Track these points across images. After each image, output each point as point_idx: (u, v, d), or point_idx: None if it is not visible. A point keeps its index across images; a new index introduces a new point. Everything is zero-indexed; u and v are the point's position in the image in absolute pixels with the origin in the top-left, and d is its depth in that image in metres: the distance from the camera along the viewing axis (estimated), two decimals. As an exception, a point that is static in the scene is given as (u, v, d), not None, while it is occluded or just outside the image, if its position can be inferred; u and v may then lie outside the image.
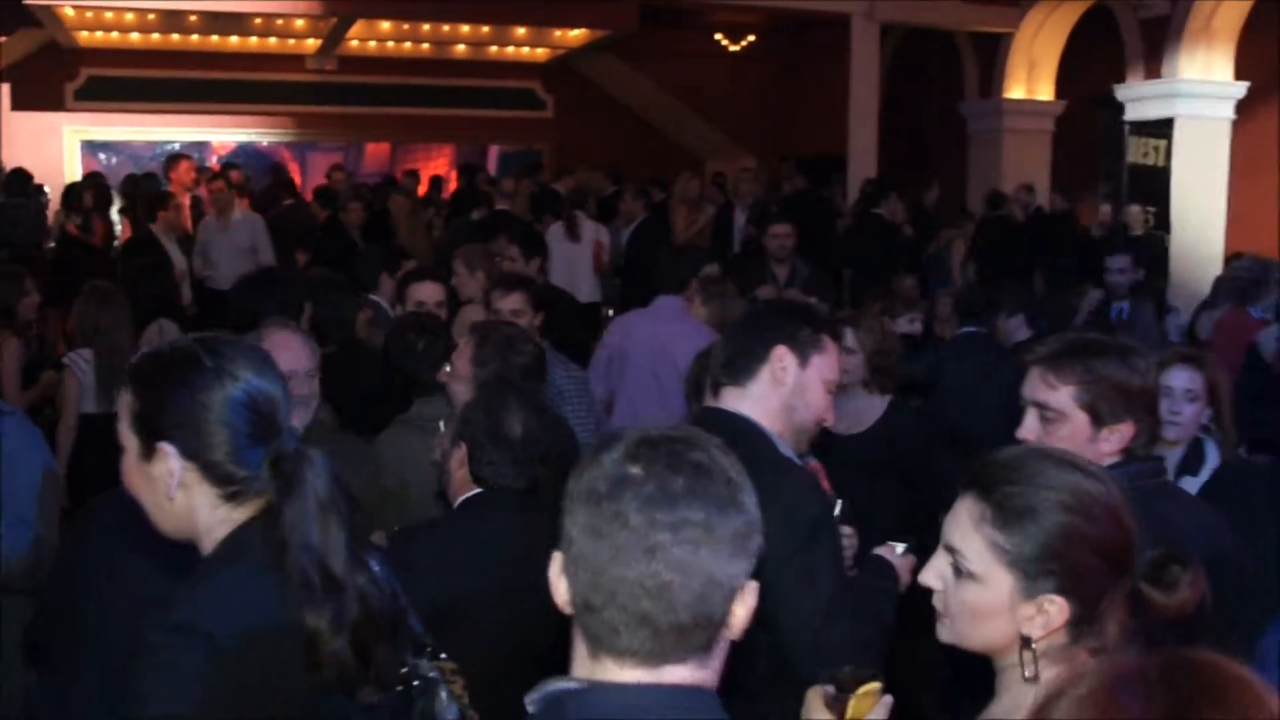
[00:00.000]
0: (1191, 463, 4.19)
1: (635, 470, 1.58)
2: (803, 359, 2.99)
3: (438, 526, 3.56)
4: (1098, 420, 2.81)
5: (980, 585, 1.96)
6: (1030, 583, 1.93)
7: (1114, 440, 2.81)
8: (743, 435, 2.85)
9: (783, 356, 2.97)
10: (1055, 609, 1.92)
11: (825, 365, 3.03)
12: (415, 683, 2.24)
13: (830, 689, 2.16)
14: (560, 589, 1.63)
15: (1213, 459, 4.28)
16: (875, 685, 2.14)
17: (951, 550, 2.00)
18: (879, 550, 3.15)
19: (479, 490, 3.40)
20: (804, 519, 2.80)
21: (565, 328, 6.20)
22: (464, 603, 3.16)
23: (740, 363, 3.00)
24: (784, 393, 2.98)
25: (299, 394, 3.42)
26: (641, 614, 1.55)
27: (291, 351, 3.66)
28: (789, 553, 2.73)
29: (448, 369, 4.35)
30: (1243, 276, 8.39)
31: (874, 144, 15.00)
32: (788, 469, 2.90)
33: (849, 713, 2.11)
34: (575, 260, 11.71)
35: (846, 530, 3.26)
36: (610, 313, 9.64)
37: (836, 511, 3.38)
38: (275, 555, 1.99)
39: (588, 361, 6.30)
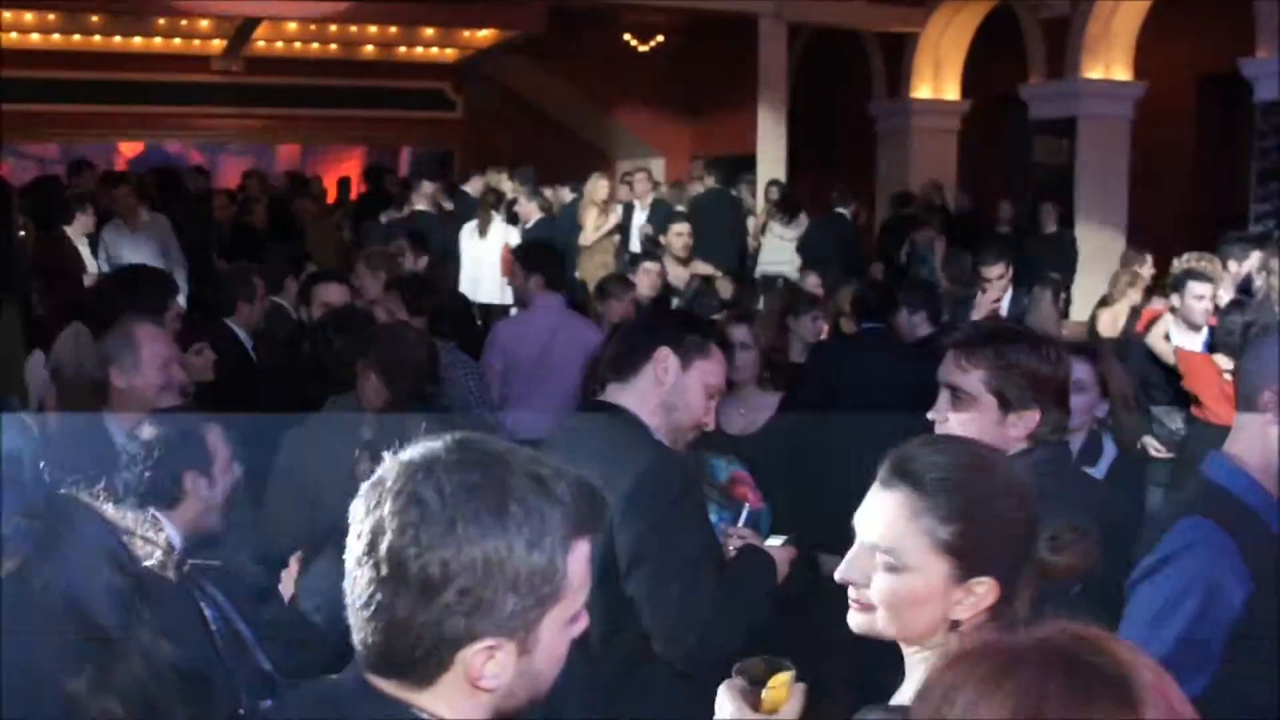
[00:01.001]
0: (1090, 454, 4.26)
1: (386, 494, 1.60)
2: (685, 361, 3.10)
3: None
4: (1005, 405, 2.85)
5: (913, 575, 1.97)
6: (963, 568, 1.96)
7: (1020, 426, 2.85)
8: (619, 423, 3.00)
9: (666, 357, 3.07)
10: (984, 590, 1.95)
11: (708, 370, 3.13)
12: None
13: (742, 682, 2.12)
14: None
15: (1110, 451, 4.35)
16: (787, 675, 2.11)
17: (879, 547, 2.00)
18: (753, 539, 3.24)
19: None
20: (668, 495, 2.90)
21: (461, 328, 6.19)
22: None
23: (626, 360, 3.10)
24: (664, 391, 3.08)
25: (160, 383, 3.88)
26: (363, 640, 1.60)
27: (155, 344, 3.95)
28: (652, 526, 2.87)
29: None
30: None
31: (783, 143, 15.08)
32: (657, 451, 3.00)
33: (763, 705, 2.08)
34: (481, 259, 11.71)
35: (744, 532, 3.31)
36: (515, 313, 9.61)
37: (743, 518, 3.40)
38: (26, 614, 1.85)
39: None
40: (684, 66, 18.74)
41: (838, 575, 2.08)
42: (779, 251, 13.03)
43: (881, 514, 2.01)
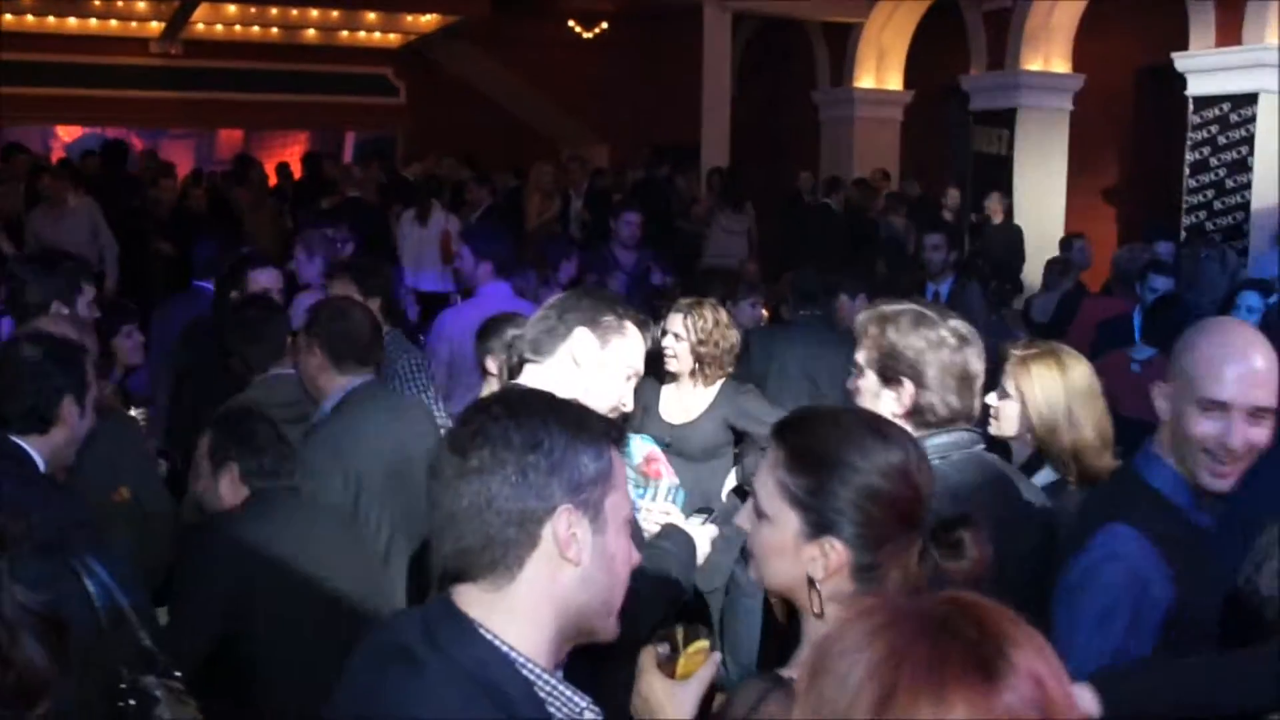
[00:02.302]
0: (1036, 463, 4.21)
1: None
2: (603, 342, 3.05)
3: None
4: (883, 379, 2.93)
5: (772, 525, 2.06)
6: (813, 525, 2.02)
7: (899, 402, 2.90)
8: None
9: (584, 338, 3.03)
10: (835, 552, 2.00)
11: (626, 351, 3.09)
12: (131, 701, 2.18)
13: (662, 648, 2.19)
14: None
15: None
16: (704, 644, 2.18)
17: (753, 492, 2.12)
18: (675, 518, 3.26)
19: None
20: None
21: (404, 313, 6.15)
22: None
23: (543, 341, 3.06)
24: (582, 373, 3.03)
25: None
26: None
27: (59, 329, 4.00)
28: None
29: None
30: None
31: (726, 132, 15.12)
32: None
33: (679, 670, 2.15)
34: (423, 247, 11.64)
35: (667, 507, 3.37)
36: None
37: (662, 492, 3.41)
38: None
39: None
40: (628, 54, 18.71)
41: (735, 520, 2.21)
42: (726, 244, 13.07)
43: (760, 464, 2.14)
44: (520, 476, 1.77)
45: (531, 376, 3.05)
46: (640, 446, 3.81)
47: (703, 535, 3.18)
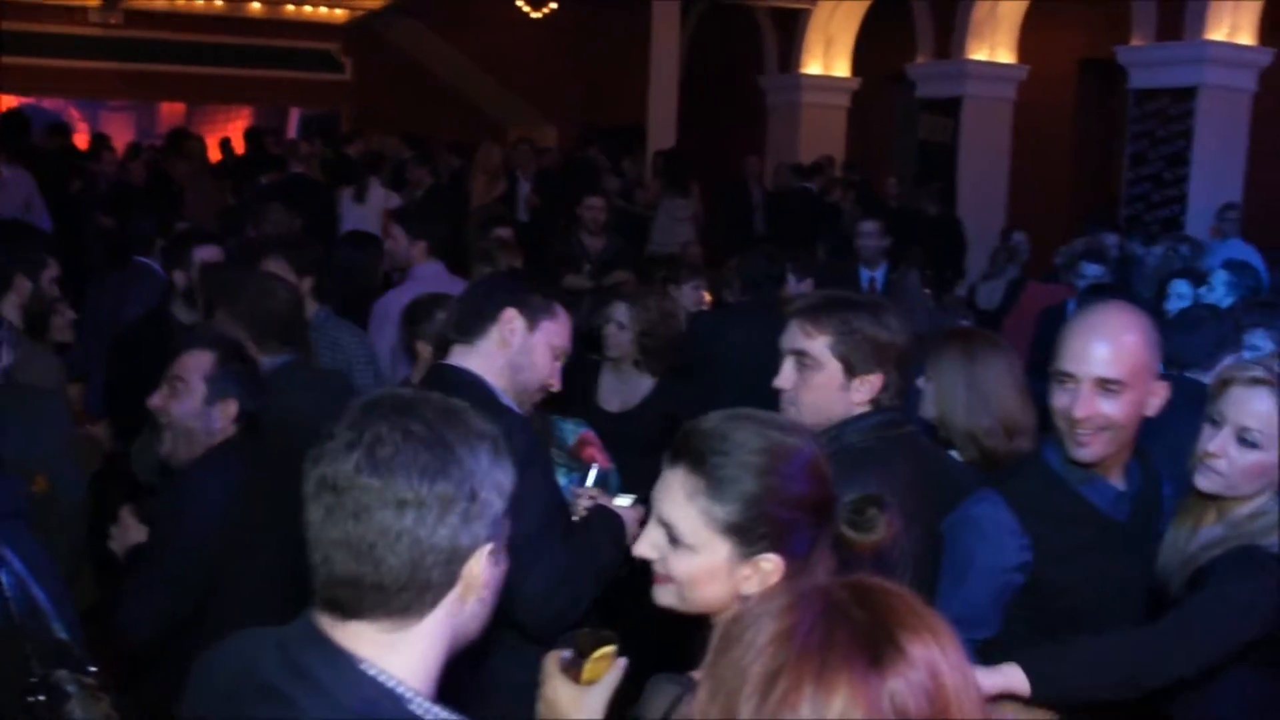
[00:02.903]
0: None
1: (348, 436, 1.65)
2: (531, 323, 3.07)
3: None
4: (850, 370, 2.93)
5: (697, 554, 2.01)
6: (745, 546, 1.99)
7: (864, 390, 2.93)
8: (464, 386, 2.93)
9: (512, 319, 3.04)
10: (771, 566, 1.99)
11: (554, 332, 3.11)
12: (41, 696, 2.15)
13: (567, 653, 2.16)
14: None
15: None
16: (610, 649, 2.15)
17: (665, 523, 2.04)
18: (602, 500, 3.26)
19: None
20: (514, 454, 2.81)
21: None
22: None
23: (471, 321, 3.07)
24: (510, 353, 3.05)
25: None
26: (348, 573, 1.62)
27: None
28: None
29: None
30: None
31: (673, 115, 15.11)
32: (498, 413, 2.91)
33: (584, 676, 2.11)
34: (362, 225, 11.55)
35: (593, 492, 3.36)
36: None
37: (591, 478, 3.41)
38: None
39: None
40: (577, 34, 18.64)
41: (634, 551, 2.12)
42: (672, 229, 13.06)
43: (667, 491, 2.05)
44: (452, 512, 1.63)
45: (459, 358, 3.04)
46: (574, 429, 3.82)
47: (632, 516, 3.20)
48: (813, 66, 16.41)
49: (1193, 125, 11.80)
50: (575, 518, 3.21)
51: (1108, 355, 2.63)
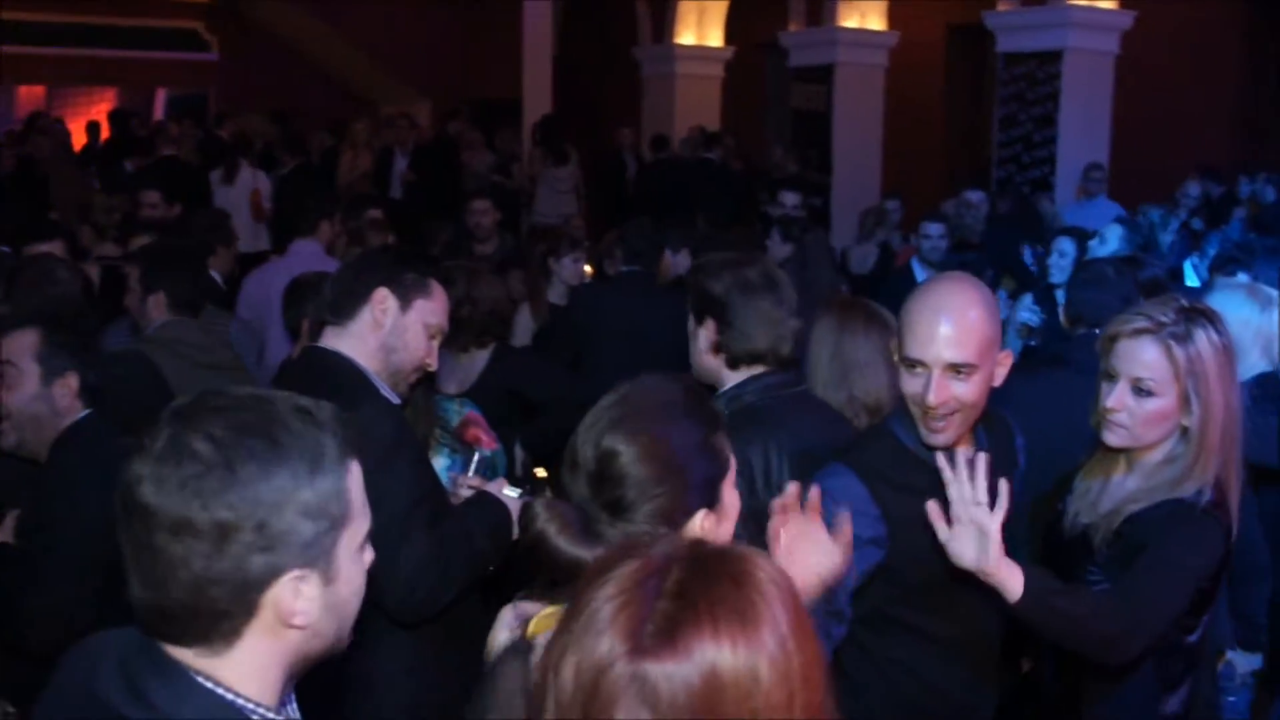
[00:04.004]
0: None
1: (139, 459, 1.54)
2: (404, 302, 3.00)
3: None
4: (697, 318, 3.23)
5: None
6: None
7: (707, 339, 3.17)
8: (333, 370, 2.90)
9: (384, 299, 2.97)
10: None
11: (429, 310, 3.05)
12: None
13: (519, 608, 2.15)
14: None
15: None
16: (556, 608, 2.14)
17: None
18: (489, 486, 3.21)
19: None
20: (378, 443, 2.76)
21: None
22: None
23: (343, 302, 3.00)
24: (383, 334, 2.98)
25: None
26: (142, 599, 1.54)
27: None
28: (365, 476, 2.72)
29: None
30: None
31: (548, 89, 15.05)
32: (365, 397, 2.88)
33: (529, 630, 2.09)
34: (233, 207, 11.35)
35: (474, 481, 3.32)
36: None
37: (473, 465, 3.37)
38: None
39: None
40: (449, 8, 18.44)
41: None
42: (554, 201, 13.02)
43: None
44: (233, 542, 1.51)
45: (331, 340, 2.98)
46: (458, 410, 3.77)
47: (516, 505, 3.14)
48: (686, 37, 16.41)
49: (1059, 88, 12.03)
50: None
51: (956, 339, 2.59)
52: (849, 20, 14.31)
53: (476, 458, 3.38)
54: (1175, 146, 13.86)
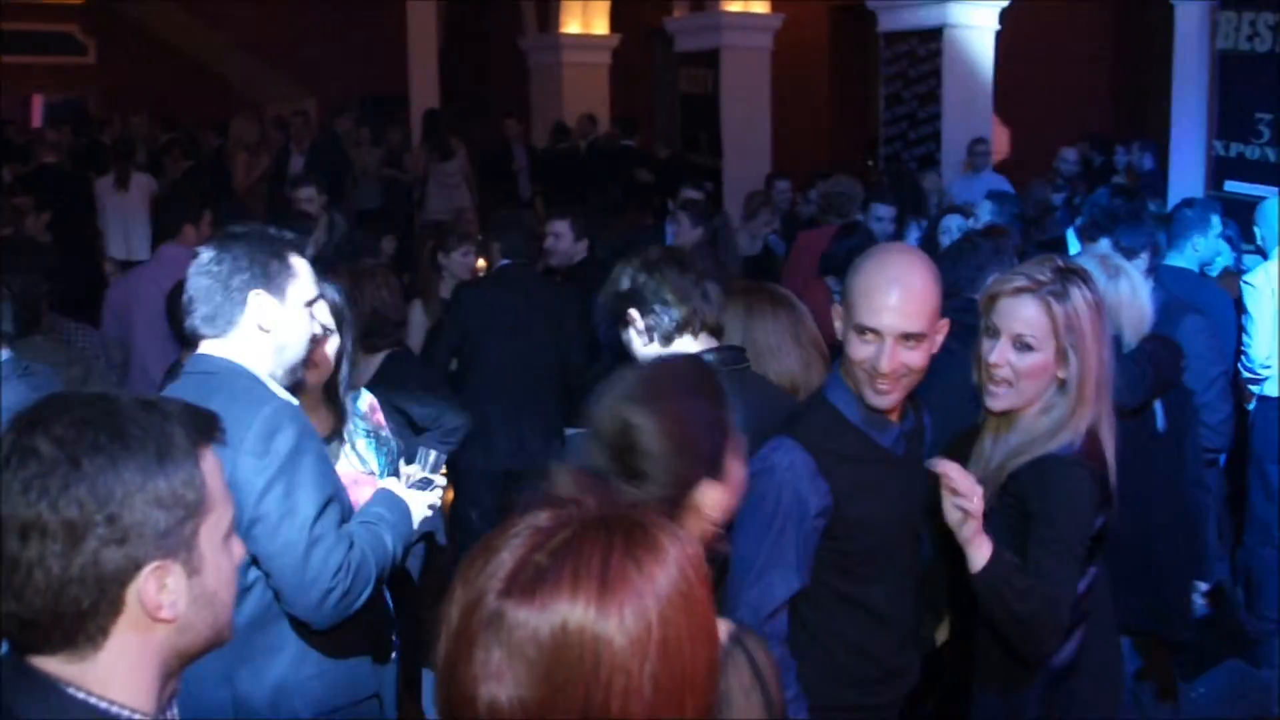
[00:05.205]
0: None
1: None
2: (281, 296, 2.88)
3: None
4: (621, 322, 3.32)
5: None
6: None
7: (635, 327, 3.24)
8: (226, 378, 2.82)
9: (262, 303, 2.85)
10: None
11: (301, 290, 2.93)
12: None
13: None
14: None
15: None
16: None
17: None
18: (385, 483, 3.21)
19: None
20: (281, 447, 2.74)
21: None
22: None
23: (219, 316, 2.85)
24: (271, 337, 2.88)
25: None
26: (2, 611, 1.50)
27: None
28: (268, 482, 2.71)
29: None
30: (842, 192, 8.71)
31: (435, 81, 14.98)
32: (264, 401, 2.81)
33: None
34: (127, 213, 11.14)
35: (441, 481, 3.36)
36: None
37: (429, 463, 3.35)
38: None
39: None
40: (334, 4, 18.22)
41: None
42: (443, 198, 12.93)
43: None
44: (86, 538, 1.47)
45: (218, 347, 2.87)
46: (364, 396, 3.73)
47: (419, 502, 3.17)
48: (571, 25, 16.40)
49: (940, 65, 12.21)
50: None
51: (909, 309, 2.69)
52: (733, 4, 14.39)
53: (434, 455, 3.35)
54: (1057, 118, 14.11)
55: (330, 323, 3.35)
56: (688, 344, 3.17)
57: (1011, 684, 2.97)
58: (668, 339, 3.18)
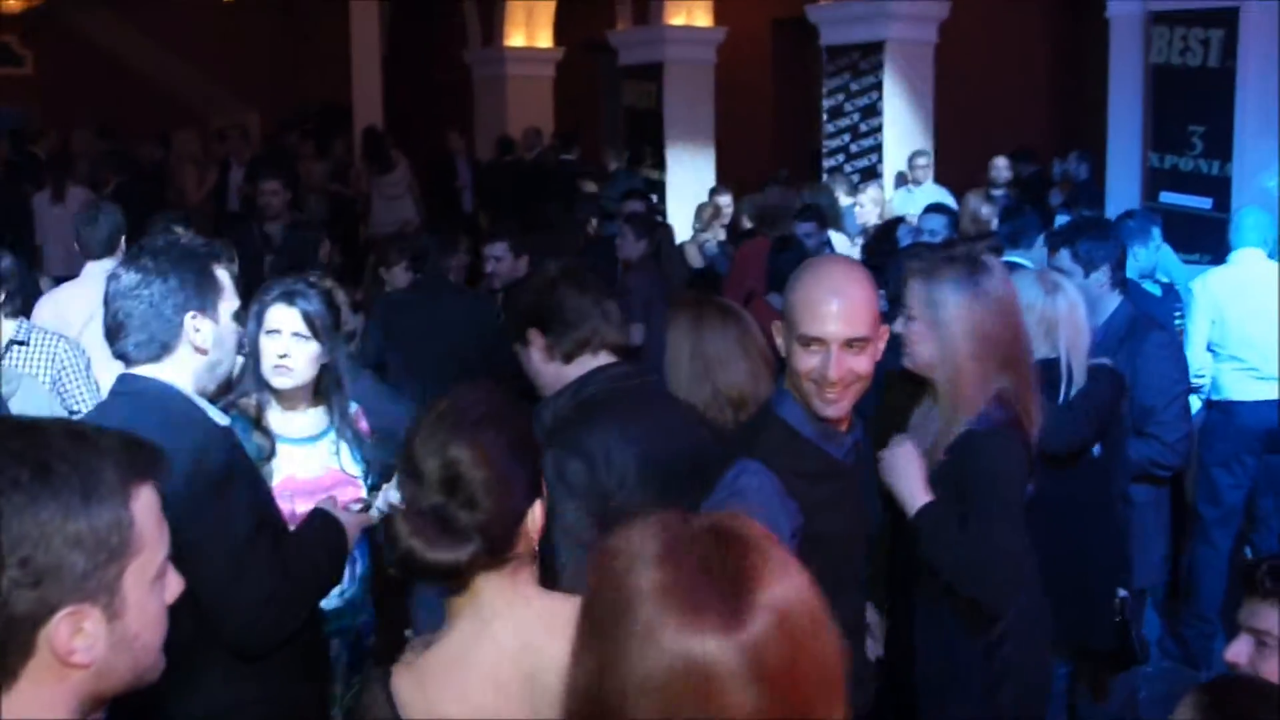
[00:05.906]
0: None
1: None
2: (213, 314, 2.85)
3: None
4: (521, 340, 3.34)
5: None
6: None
7: (538, 348, 3.24)
8: (156, 401, 2.79)
9: (196, 325, 2.82)
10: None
11: (229, 302, 2.91)
12: None
13: None
14: None
15: None
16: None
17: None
18: (322, 503, 3.20)
19: None
20: (210, 471, 2.70)
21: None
22: None
23: (154, 343, 2.80)
24: (207, 357, 2.85)
25: None
26: None
27: None
28: (199, 507, 2.64)
29: None
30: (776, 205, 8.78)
31: (378, 93, 14.95)
32: (193, 424, 2.78)
33: None
34: (67, 228, 10.98)
35: (379, 504, 3.36)
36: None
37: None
38: None
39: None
40: (273, 14, 18.14)
41: None
42: (387, 211, 12.88)
43: None
44: (1, 578, 1.42)
45: (150, 369, 2.81)
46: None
47: (354, 523, 3.18)
48: (515, 38, 16.40)
49: (882, 78, 12.31)
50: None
51: (851, 316, 2.71)
52: (676, 18, 14.45)
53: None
54: (997, 130, 14.25)
55: (304, 330, 3.54)
56: (588, 362, 3.20)
57: (949, 651, 3.17)
58: (568, 357, 3.20)
